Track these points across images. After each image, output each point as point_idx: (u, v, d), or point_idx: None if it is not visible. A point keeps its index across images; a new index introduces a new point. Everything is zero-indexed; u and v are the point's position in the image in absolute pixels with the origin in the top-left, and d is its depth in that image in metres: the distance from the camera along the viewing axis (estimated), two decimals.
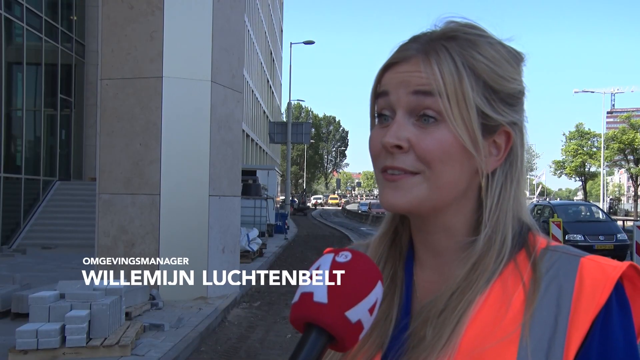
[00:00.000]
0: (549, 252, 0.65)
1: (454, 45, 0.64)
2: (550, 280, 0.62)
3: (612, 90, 61.30)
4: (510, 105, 0.67)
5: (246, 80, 31.91)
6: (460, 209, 0.68)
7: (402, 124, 0.64)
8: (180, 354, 5.35)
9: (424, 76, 0.63)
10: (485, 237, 0.65)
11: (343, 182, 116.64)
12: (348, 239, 21.56)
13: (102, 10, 7.99)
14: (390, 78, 0.66)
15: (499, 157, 0.67)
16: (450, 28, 0.66)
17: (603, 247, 12.63)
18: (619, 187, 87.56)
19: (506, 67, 0.66)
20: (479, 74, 0.64)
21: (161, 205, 7.81)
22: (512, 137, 0.67)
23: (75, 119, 18.99)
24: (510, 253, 0.65)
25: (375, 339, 0.67)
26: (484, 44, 0.66)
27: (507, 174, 0.68)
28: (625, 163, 49.59)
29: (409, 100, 0.64)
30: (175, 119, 7.91)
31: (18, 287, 7.03)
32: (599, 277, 0.60)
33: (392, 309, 0.69)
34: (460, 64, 0.63)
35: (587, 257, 0.63)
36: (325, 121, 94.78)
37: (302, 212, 47.03)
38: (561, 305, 0.60)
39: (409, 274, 0.71)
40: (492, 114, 0.65)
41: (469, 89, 0.63)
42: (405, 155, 0.64)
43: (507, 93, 0.66)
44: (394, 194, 0.65)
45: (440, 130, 0.63)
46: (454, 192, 0.66)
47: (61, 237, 14.75)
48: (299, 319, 0.56)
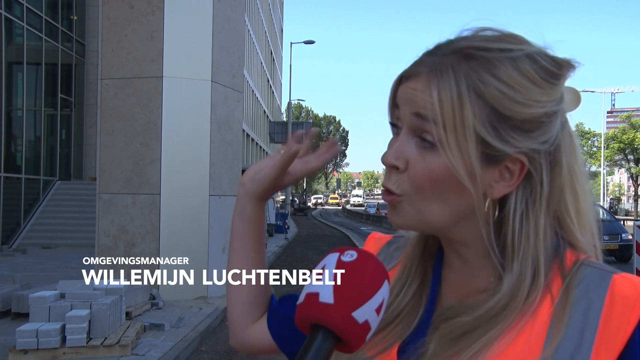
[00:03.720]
0: (582, 266, 0.62)
1: (464, 66, 0.60)
2: (578, 294, 0.60)
3: (612, 90, 61.41)
4: (527, 131, 0.60)
5: (246, 80, 31.90)
6: (473, 230, 0.64)
7: (404, 143, 0.63)
8: (180, 354, 5.34)
9: (426, 98, 0.60)
10: (515, 275, 0.62)
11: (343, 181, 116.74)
12: (348, 238, 21.56)
13: (102, 10, 7.98)
14: (402, 92, 0.64)
15: (511, 183, 0.62)
16: (468, 44, 0.61)
17: (608, 247, 12.35)
18: (619, 187, 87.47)
19: (527, 89, 0.60)
20: (487, 100, 0.59)
21: (161, 205, 7.81)
22: (526, 166, 0.61)
23: (75, 118, 18.99)
24: (544, 281, 0.62)
25: (398, 331, 0.68)
26: (505, 63, 0.60)
27: (527, 201, 0.63)
28: (625, 163, 49.62)
29: (411, 121, 0.62)
30: (175, 119, 7.91)
31: (18, 287, 7.02)
32: (632, 295, 0.58)
33: (419, 306, 0.69)
34: (464, 88, 0.59)
35: (621, 275, 0.60)
36: (326, 121, 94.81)
37: (302, 212, 46.97)
38: (589, 321, 0.58)
39: (436, 274, 0.71)
40: (497, 143, 0.60)
41: (470, 116, 0.59)
42: (398, 176, 0.63)
43: (523, 119, 0.60)
44: (392, 214, 0.65)
45: (435, 157, 0.60)
46: (450, 216, 0.63)
47: (61, 237, 14.75)
48: (304, 320, 0.55)
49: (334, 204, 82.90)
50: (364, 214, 42.37)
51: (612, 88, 62.19)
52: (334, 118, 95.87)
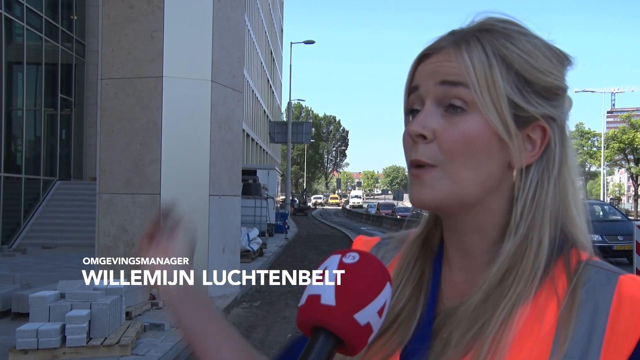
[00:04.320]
0: (588, 266, 0.62)
1: (487, 36, 0.63)
2: (585, 295, 0.59)
3: (612, 90, 61.40)
4: (545, 98, 0.64)
5: (246, 79, 31.90)
6: (493, 207, 0.65)
7: (429, 113, 0.63)
8: (180, 354, 5.34)
9: (453, 65, 0.62)
10: (519, 238, 0.62)
11: (343, 181, 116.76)
12: (348, 238, 21.56)
13: (102, 10, 7.98)
14: (422, 70, 0.65)
15: (533, 153, 0.64)
16: (486, 22, 0.65)
17: (622, 248, 11.86)
18: (619, 187, 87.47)
19: (543, 61, 0.63)
20: (511, 64, 0.62)
21: (161, 205, 7.79)
22: (548, 132, 0.64)
23: (75, 118, 18.99)
24: (547, 261, 0.62)
25: (397, 337, 0.66)
26: (520, 37, 0.64)
27: (543, 172, 0.64)
28: (625, 163, 49.61)
29: (437, 91, 0.63)
30: (175, 119, 7.91)
31: (18, 287, 7.02)
32: (639, 296, 0.57)
33: (417, 309, 0.67)
34: (491, 53, 0.62)
35: (627, 275, 0.60)
36: (326, 121, 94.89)
37: (302, 212, 46.84)
38: (596, 322, 0.57)
39: (436, 274, 0.70)
40: (524, 104, 0.62)
41: (500, 77, 0.61)
42: (427, 146, 0.63)
43: (542, 86, 0.63)
44: (420, 190, 0.63)
45: (467, 121, 0.62)
46: (481, 186, 0.63)
47: (61, 237, 14.74)
48: (306, 323, 0.55)
49: (334, 204, 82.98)
50: (364, 214, 42.37)
51: (612, 88, 62.20)
52: (334, 118, 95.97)
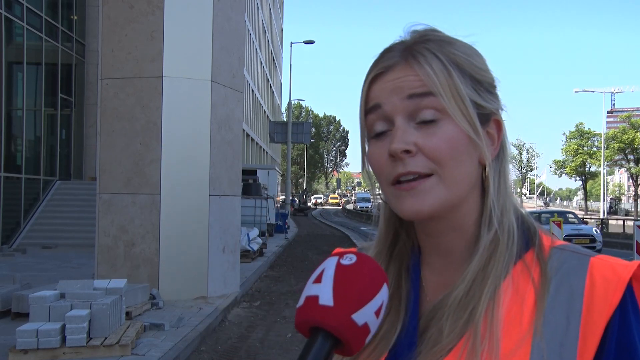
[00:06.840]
0: (558, 250, 0.65)
1: (434, 45, 0.66)
2: (560, 280, 0.61)
3: (612, 90, 61.28)
4: (492, 93, 0.68)
5: (246, 79, 31.90)
6: (470, 204, 0.67)
7: (404, 129, 0.64)
8: (180, 354, 5.34)
9: (416, 78, 0.64)
10: (493, 228, 0.65)
11: (343, 181, 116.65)
12: (348, 238, 21.57)
13: (102, 10, 7.98)
14: (380, 89, 0.66)
15: (495, 147, 0.68)
16: (423, 33, 0.68)
17: None
18: (619, 187, 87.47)
19: (479, 59, 0.68)
20: (463, 68, 0.65)
21: (161, 205, 7.81)
22: (502, 125, 0.69)
23: (75, 118, 18.99)
24: (518, 247, 0.65)
25: (381, 342, 0.66)
26: (456, 42, 0.67)
27: (500, 163, 0.69)
28: (625, 162, 49.62)
29: (405, 105, 0.64)
30: (175, 119, 7.91)
31: (18, 287, 7.02)
32: (610, 277, 0.59)
33: (399, 312, 0.68)
34: (445, 60, 0.64)
35: (597, 257, 0.62)
36: (326, 121, 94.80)
37: (302, 212, 46.73)
38: (572, 305, 0.59)
39: (416, 277, 0.70)
40: (483, 102, 0.66)
41: (459, 82, 0.64)
42: (414, 159, 0.63)
43: (488, 82, 0.68)
44: (415, 201, 0.64)
45: (442, 128, 0.64)
46: (468, 185, 0.66)
47: (61, 236, 14.75)
48: (304, 323, 0.55)
49: (334, 203, 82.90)
50: (364, 214, 42.35)
51: (612, 88, 62.06)
52: (334, 118, 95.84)
